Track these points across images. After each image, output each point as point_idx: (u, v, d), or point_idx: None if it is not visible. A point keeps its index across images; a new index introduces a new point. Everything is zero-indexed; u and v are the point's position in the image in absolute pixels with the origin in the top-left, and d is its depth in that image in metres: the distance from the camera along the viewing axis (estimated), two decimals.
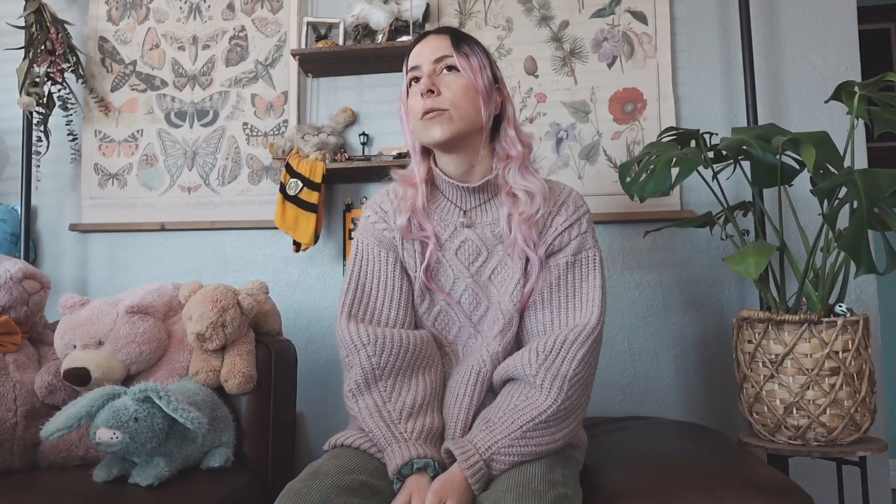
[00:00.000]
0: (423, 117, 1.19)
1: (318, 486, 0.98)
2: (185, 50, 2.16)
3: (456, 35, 1.23)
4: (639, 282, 1.92)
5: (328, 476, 1.01)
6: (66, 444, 1.44)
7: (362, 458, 1.09)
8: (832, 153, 1.38)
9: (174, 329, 1.61)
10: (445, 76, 1.19)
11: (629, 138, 1.94)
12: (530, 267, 1.19)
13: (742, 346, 1.51)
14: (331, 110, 2.06)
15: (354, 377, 1.15)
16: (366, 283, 1.24)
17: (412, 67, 1.23)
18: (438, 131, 1.18)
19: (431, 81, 1.18)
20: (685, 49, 1.96)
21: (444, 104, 1.17)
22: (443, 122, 1.17)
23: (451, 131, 1.18)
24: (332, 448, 1.15)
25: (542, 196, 1.21)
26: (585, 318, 1.16)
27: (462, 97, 1.18)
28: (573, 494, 1.04)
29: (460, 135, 1.19)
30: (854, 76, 1.88)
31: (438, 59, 1.20)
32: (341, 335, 1.19)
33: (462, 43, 1.21)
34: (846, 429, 1.39)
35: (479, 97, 1.19)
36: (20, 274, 1.55)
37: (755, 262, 1.35)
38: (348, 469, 1.05)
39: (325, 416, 2.00)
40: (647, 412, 1.87)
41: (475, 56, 1.21)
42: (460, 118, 1.18)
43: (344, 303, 1.22)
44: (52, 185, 2.18)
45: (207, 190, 2.10)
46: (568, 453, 1.15)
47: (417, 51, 1.23)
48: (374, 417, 1.10)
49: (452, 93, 1.18)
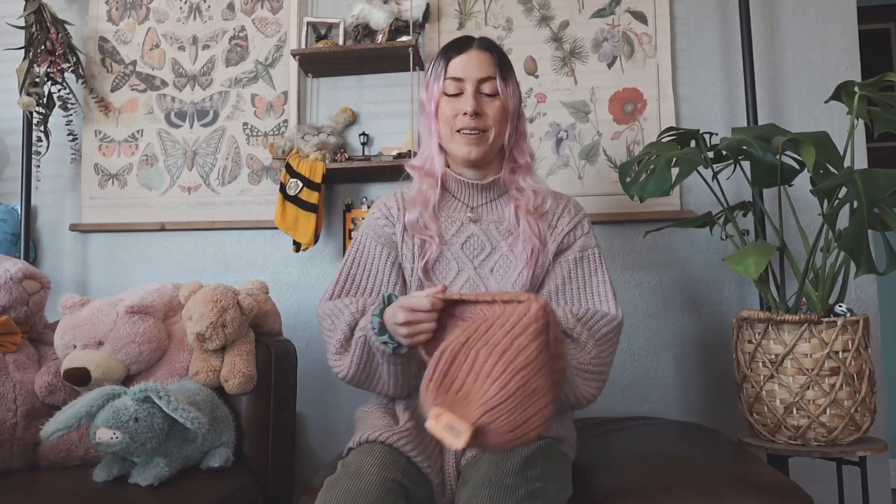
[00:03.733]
0: (462, 132, 1.26)
1: (365, 487, 1.00)
2: (185, 50, 2.16)
3: (500, 55, 1.31)
4: (639, 282, 1.92)
5: (372, 475, 1.02)
6: (66, 444, 1.44)
7: (393, 455, 1.09)
8: (832, 153, 1.38)
9: (174, 329, 1.61)
10: (486, 99, 1.27)
11: (629, 138, 1.94)
12: (533, 257, 1.25)
13: (742, 346, 1.51)
14: (331, 110, 2.05)
15: (338, 336, 1.18)
16: (356, 274, 1.29)
17: (455, 78, 1.28)
18: (475, 152, 1.27)
19: (477, 104, 1.26)
20: (685, 49, 1.96)
21: (486, 126, 1.26)
22: (480, 144, 1.27)
23: (484, 152, 1.28)
24: (360, 444, 1.14)
25: (548, 194, 1.31)
26: (605, 309, 1.24)
27: (499, 120, 1.28)
28: (552, 489, 1.04)
29: (490, 154, 1.30)
30: (854, 76, 1.88)
31: (483, 80, 1.27)
32: (322, 309, 1.25)
33: (504, 66, 1.30)
34: (846, 429, 1.39)
35: (509, 119, 1.29)
36: (20, 274, 1.55)
37: (755, 262, 1.35)
38: (387, 466, 1.05)
39: (325, 416, 2.00)
40: (647, 412, 1.87)
41: (512, 80, 1.31)
42: (494, 138, 1.28)
43: (330, 290, 1.28)
44: (52, 185, 2.18)
45: (207, 190, 2.10)
46: (553, 447, 1.15)
47: (463, 63, 1.28)
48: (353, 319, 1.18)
49: (492, 116, 1.27)
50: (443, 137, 1.30)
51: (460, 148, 1.27)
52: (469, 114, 1.25)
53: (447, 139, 1.29)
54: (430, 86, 1.31)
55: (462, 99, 1.26)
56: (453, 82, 1.27)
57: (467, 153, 1.27)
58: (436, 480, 1.11)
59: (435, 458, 1.14)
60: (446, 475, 1.13)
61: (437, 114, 1.30)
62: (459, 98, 1.27)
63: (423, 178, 1.32)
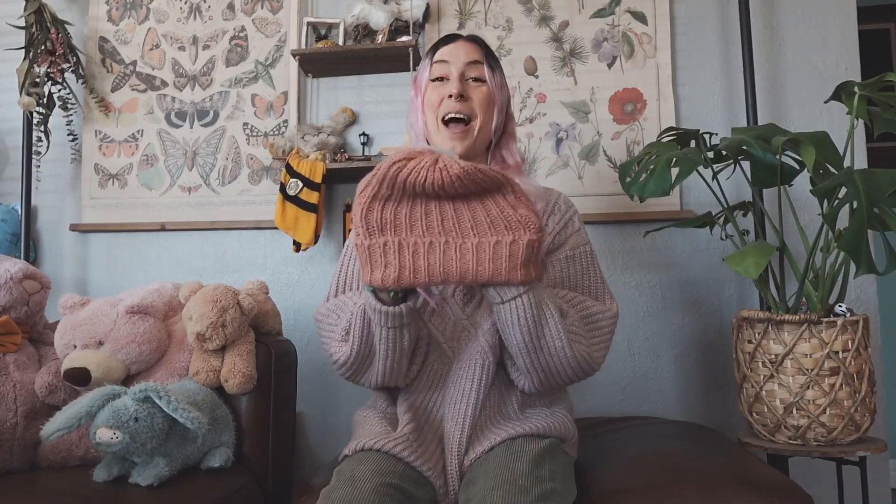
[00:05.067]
0: (448, 125, 1.24)
1: (359, 494, 0.99)
2: (185, 50, 2.16)
3: (486, 46, 1.30)
4: (639, 282, 1.92)
5: (366, 481, 1.02)
6: (66, 444, 1.44)
7: (390, 461, 1.09)
8: (832, 153, 1.38)
9: (174, 329, 1.61)
10: (472, 84, 1.25)
11: (629, 138, 1.94)
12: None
13: (742, 346, 1.51)
14: (331, 110, 2.06)
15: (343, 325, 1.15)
16: (349, 282, 1.27)
17: (440, 60, 1.27)
18: (460, 146, 1.24)
19: (463, 87, 1.24)
20: (685, 49, 1.96)
21: (470, 111, 1.24)
22: (465, 138, 1.24)
23: (470, 145, 1.25)
24: (356, 452, 1.14)
25: (538, 195, 1.27)
26: (604, 305, 1.22)
27: (485, 107, 1.25)
28: (562, 489, 1.04)
29: (476, 148, 1.27)
30: (854, 76, 1.88)
31: (469, 63, 1.26)
32: (320, 311, 1.24)
33: (491, 56, 1.29)
34: (846, 429, 1.39)
35: (496, 110, 1.27)
36: (20, 274, 1.55)
37: (755, 262, 1.35)
38: (382, 472, 1.05)
39: (325, 416, 2.00)
40: (647, 412, 1.87)
41: (499, 72, 1.29)
42: (480, 129, 1.25)
43: (326, 296, 1.27)
44: (52, 185, 2.18)
45: (207, 190, 2.10)
46: (557, 447, 1.15)
47: (448, 50, 1.28)
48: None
49: (478, 101, 1.24)
50: (429, 130, 1.28)
51: (445, 142, 1.25)
52: (454, 96, 1.22)
53: (433, 131, 1.27)
54: (417, 80, 1.31)
55: (447, 83, 1.25)
56: (439, 65, 1.26)
57: (451, 148, 1.24)
58: (437, 482, 1.11)
59: (436, 460, 1.14)
60: (448, 476, 1.13)
61: (423, 105, 1.28)
62: (445, 83, 1.25)
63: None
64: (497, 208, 0.97)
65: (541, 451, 1.08)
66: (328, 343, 1.20)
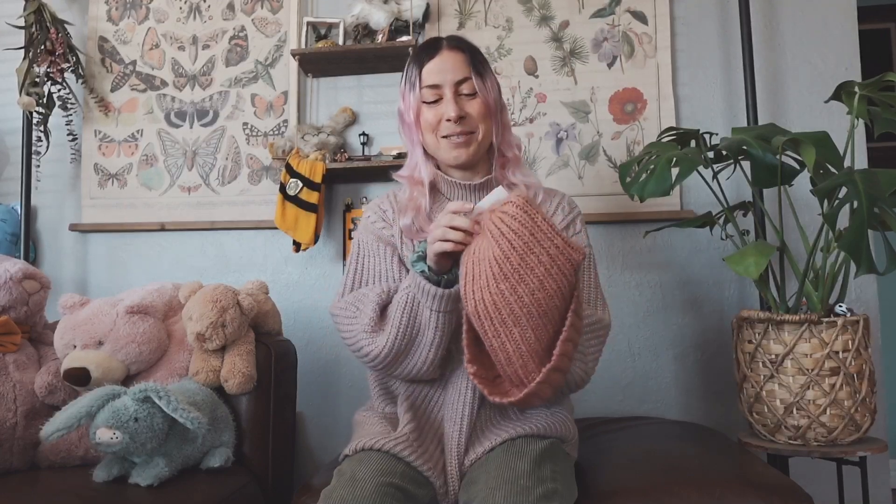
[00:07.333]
0: (450, 138, 1.25)
1: (360, 493, 0.99)
2: (185, 50, 2.16)
3: (472, 52, 1.29)
4: (639, 282, 1.92)
5: (366, 481, 1.02)
6: (66, 444, 1.44)
7: (390, 461, 1.09)
8: (832, 153, 1.38)
9: (174, 329, 1.61)
10: (465, 99, 1.26)
11: (629, 138, 1.94)
12: None
13: (742, 346, 1.51)
14: (331, 110, 2.06)
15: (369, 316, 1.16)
16: (365, 278, 1.26)
17: (432, 85, 1.25)
18: (464, 155, 1.26)
19: (460, 108, 1.24)
20: (685, 49, 1.96)
21: (472, 127, 1.25)
22: (468, 146, 1.26)
23: (473, 153, 1.27)
24: (356, 452, 1.14)
25: (539, 187, 1.30)
26: (597, 315, 1.22)
27: (483, 118, 1.27)
28: (564, 489, 1.04)
29: (479, 154, 1.29)
30: (854, 76, 1.88)
31: (459, 82, 1.25)
32: (337, 306, 1.23)
33: (478, 63, 1.28)
34: (846, 429, 1.39)
35: (492, 115, 1.28)
36: (20, 274, 1.55)
37: (755, 262, 1.35)
38: (382, 472, 1.05)
39: (325, 416, 2.00)
40: (647, 412, 1.87)
41: (488, 75, 1.29)
42: (482, 138, 1.27)
43: (340, 292, 1.26)
44: (52, 185, 2.18)
45: (207, 190, 2.10)
46: (558, 447, 1.15)
47: (436, 68, 1.26)
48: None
49: (476, 115, 1.26)
50: (428, 145, 1.29)
51: (448, 153, 1.26)
52: (453, 120, 1.23)
53: (433, 147, 1.28)
54: (405, 96, 1.29)
55: (442, 104, 1.25)
56: (430, 90, 1.26)
57: (456, 157, 1.26)
58: (437, 482, 1.11)
59: (436, 459, 1.14)
60: (449, 475, 1.13)
61: (418, 123, 1.28)
62: (440, 104, 1.25)
63: (413, 186, 1.30)
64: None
65: (542, 452, 1.08)
66: (354, 337, 1.18)
